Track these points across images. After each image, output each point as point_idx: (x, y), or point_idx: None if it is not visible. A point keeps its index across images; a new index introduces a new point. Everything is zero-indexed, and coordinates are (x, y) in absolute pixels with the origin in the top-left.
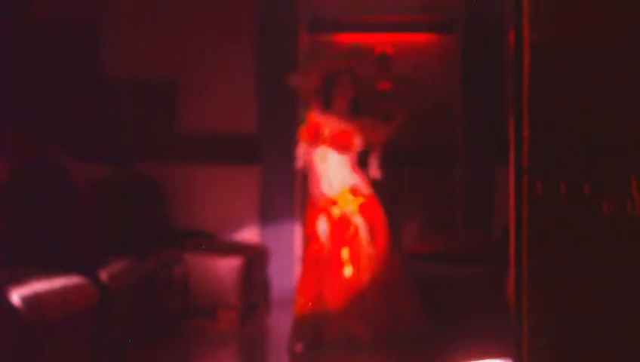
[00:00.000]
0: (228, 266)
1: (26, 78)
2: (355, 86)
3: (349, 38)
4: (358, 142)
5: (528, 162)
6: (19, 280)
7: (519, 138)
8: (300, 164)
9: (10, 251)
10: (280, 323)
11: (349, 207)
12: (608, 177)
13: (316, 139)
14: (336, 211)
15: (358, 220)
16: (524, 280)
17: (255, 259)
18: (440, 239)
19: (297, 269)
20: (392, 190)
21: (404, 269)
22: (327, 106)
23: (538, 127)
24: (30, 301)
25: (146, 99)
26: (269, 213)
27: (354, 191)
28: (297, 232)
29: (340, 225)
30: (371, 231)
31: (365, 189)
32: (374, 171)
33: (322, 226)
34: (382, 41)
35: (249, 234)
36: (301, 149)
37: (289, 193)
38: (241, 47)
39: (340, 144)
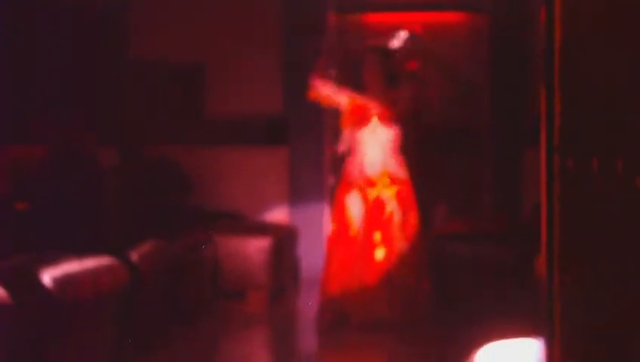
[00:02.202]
0: (257, 247)
1: (58, 65)
2: (386, 62)
3: (377, 18)
4: (399, 113)
5: (560, 139)
6: (51, 261)
7: (550, 115)
8: (342, 147)
9: (43, 234)
10: (308, 304)
11: (386, 190)
12: None
13: (362, 121)
14: (372, 193)
15: (393, 205)
16: (556, 260)
17: (284, 239)
18: (468, 220)
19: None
20: (422, 171)
21: (427, 255)
22: (360, 88)
23: (570, 103)
24: (62, 281)
25: (173, 84)
26: (297, 194)
27: (392, 176)
28: (326, 212)
29: (376, 208)
30: (403, 217)
31: (402, 174)
32: None
33: (356, 207)
34: (410, 20)
35: (278, 215)
36: (346, 134)
37: (317, 173)
38: (268, 29)
39: (386, 120)
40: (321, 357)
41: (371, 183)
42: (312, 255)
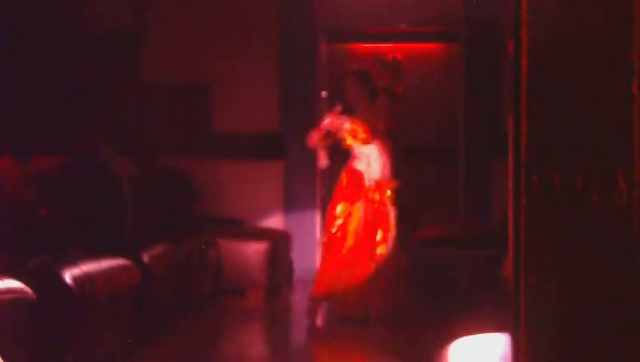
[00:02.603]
0: (255, 250)
1: (78, 83)
2: (364, 83)
3: (363, 47)
4: (381, 128)
5: (526, 156)
6: (71, 261)
7: (518, 135)
8: (321, 163)
9: (64, 236)
10: (301, 301)
11: (385, 194)
12: (598, 169)
13: (357, 138)
14: (376, 196)
15: (390, 207)
16: (522, 261)
17: (279, 243)
18: (444, 226)
19: (318, 253)
20: (403, 183)
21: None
22: (350, 109)
23: (535, 124)
24: (81, 280)
25: (181, 103)
26: (291, 203)
27: (388, 181)
28: (317, 219)
29: (378, 209)
30: (395, 218)
31: (391, 182)
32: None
33: (359, 208)
34: (393, 49)
35: (274, 222)
36: (357, 147)
37: (310, 184)
38: (266, 55)
39: (376, 135)
40: (312, 347)
41: (374, 189)
42: (304, 257)
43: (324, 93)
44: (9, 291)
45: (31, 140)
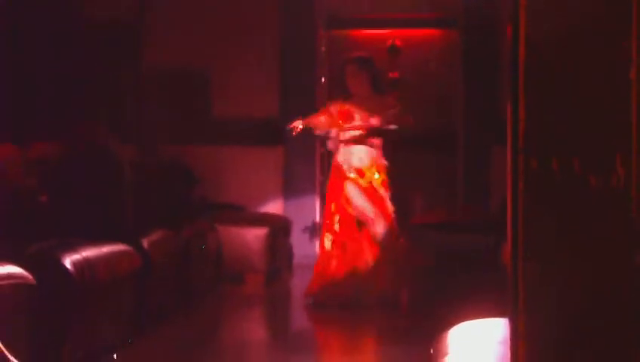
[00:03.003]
0: (255, 235)
1: (79, 70)
2: (366, 71)
3: (362, 33)
4: (375, 121)
5: (524, 141)
6: (71, 247)
7: (516, 120)
8: (331, 146)
9: (64, 222)
10: (301, 286)
11: (374, 179)
12: (595, 154)
13: (348, 122)
14: (362, 181)
15: (382, 191)
16: (520, 246)
17: (279, 229)
18: (444, 212)
19: (316, 238)
20: (403, 169)
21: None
22: (348, 95)
23: (532, 110)
24: (81, 265)
25: (181, 89)
26: (291, 188)
27: (378, 167)
28: (317, 204)
29: (369, 193)
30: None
31: (383, 166)
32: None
33: (353, 192)
34: (392, 35)
35: (274, 207)
36: (334, 133)
37: (309, 170)
38: (266, 42)
39: (365, 125)
40: (313, 331)
41: (361, 173)
42: (303, 243)
43: (323, 80)
44: (9, 277)
45: (31, 126)
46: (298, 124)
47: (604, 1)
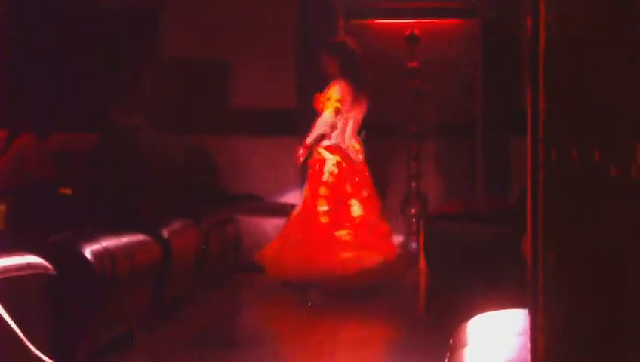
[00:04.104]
0: (273, 225)
1: (97, 59)
2: (334, 57)
3: (381, 23)
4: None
5: (543, 131)
6: (91, 237)
7: (535, 110)
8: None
9: (84, 212)
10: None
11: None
12: (616, 144)
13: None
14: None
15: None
16: (540, 237)
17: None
18: (462, 202)
19: None
20: (420, 158)
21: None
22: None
23: (553, 99)
24: (101, 255)
25: (200, 79)
26: None
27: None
28: None
29: (348, 170)
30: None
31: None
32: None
33: (331, 169)
34: (411, 24)
35: (292, 197)
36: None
37: None
38: (284, 32)
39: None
40: (328, 321)
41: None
42: None
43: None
44: (29, 266)
45: (50, 117)
46: (302, 152)
47: None
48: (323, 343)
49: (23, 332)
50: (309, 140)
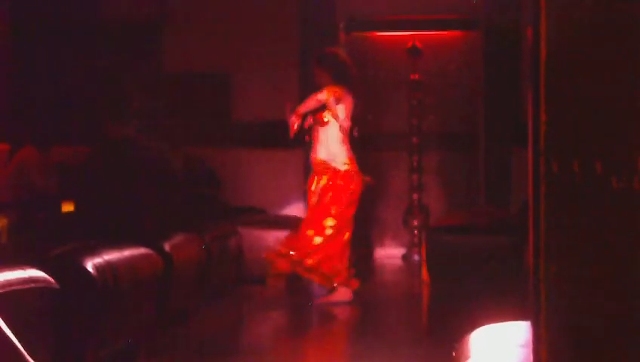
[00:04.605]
0: (276, 238)
1: (99, 72)
2: (323, 67)
3: (382, 36)
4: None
5: (545, 144)
6: (93, 250)
7: (536, 123)
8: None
9: (86, 226)
10: (322, 289)
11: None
12: (618, 156)
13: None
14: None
15: (347, 182)
16: (542, 249)
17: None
18: (464, 213)
19: None
20: (422, 170)
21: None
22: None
23: (554, 111)
24: (103, 269)
25: (202, 91)
26: None
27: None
28: None
29: (326, 185)
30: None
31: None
32: None
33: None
34: (413, 37)
35: (295, 210)
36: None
37: None
38: (286, 44)
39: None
40: (331, 334)
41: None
42: None
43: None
44: (32, 280)
45: (52, 130)
46: (294, 120)
47: (626, 4)
48: (325, 355)
49: (25, 347)
50: (301, 110)
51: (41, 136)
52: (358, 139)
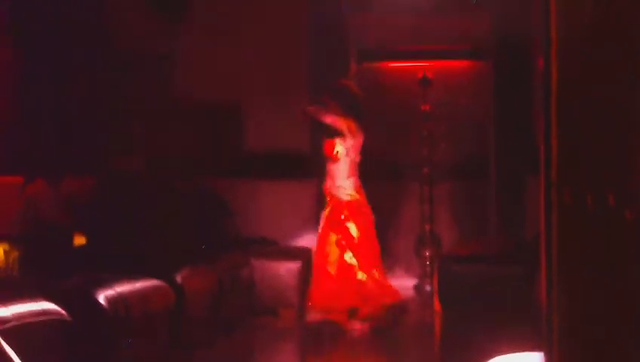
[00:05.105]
0: (288, 269)
1: (110, 102)
2: (335, 101)
3: (393, 66)
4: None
5: (557, 174)
6: (105, 283)
7: (549, 153)
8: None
9: (97, 259)
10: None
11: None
12: (630, 188)
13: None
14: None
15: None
16: (554, 280)
17: (312, 263)
18: (476, 243)
19: None
20: (433, 199)
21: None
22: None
23: (566, 142)
24: (115, 301)
25: (214, 122)
26: None
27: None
28: None
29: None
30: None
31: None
32: None
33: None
34: (423, 67)
35: (307, 241)
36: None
37: None
38: (297, 75)
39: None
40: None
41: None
42: None
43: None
44: (44, 313)
45: (62, 162)
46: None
47: (636, 34)
48: None
49: None
50: (322, 117)
51: (51, 169)
52: (368, 170)
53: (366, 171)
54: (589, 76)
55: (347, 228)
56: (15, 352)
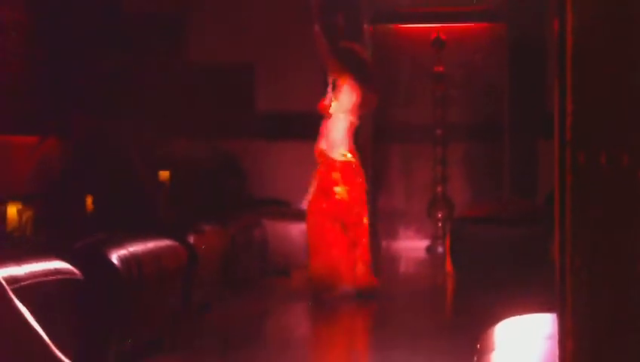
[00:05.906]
0: (300, 231)
1: (123, 65)
2: (344, 63)
3: (406, 28)
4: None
5: (571, 135)
6: (117, 242)
7: (563, 113)
8: None
9: (108, 218)
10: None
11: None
12: None
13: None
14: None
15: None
16: (568, 242)
17: None
18: (489, 204)
19: None
20: (446, 161)
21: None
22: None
23: (580, 102)
24: (127, 260)
25: (226, 83)
26: None
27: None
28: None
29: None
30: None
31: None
32: None
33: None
34: (437, 29)
35: None
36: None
37: None
38: (310, 36)
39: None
40: (355, 327)
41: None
42: None
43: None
44: (57, 272)
45: (76, 120)
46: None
47: None
48: (350, 346)
49: (50, 337)
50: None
51: (64, 126)
52: (382, 131)
53: (379, 132)
54: (605, 36)
55: (335, 193)
56: (28, 310)
